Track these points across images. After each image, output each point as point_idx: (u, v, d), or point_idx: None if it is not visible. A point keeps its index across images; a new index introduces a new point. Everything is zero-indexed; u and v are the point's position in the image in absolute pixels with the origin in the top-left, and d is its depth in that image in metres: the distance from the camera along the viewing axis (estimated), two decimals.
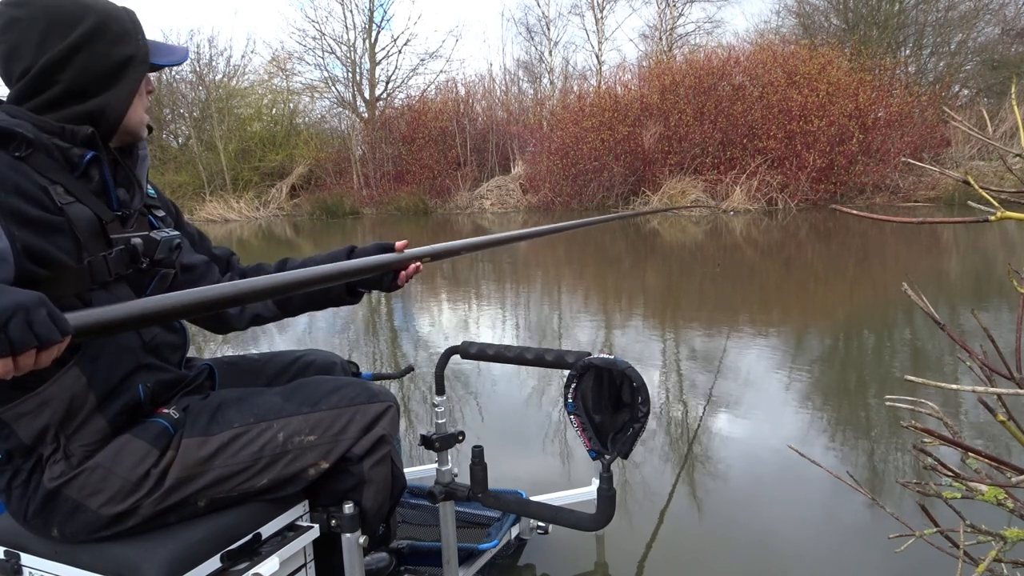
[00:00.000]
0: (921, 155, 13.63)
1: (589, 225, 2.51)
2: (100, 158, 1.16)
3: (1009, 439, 2.48)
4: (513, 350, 1.53)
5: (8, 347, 0.73)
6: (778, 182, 13.70)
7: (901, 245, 8.72)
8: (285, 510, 1.29)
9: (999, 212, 0.83)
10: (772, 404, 3.19)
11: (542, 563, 1.94)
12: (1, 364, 0.73)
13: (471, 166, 18.61)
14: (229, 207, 19.89)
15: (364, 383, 1.36)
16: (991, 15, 17.92)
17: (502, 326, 5.19)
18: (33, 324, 0.75)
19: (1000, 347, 1.01)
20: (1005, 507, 0.99)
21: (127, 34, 1.18)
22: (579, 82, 21.42)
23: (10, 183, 1.03)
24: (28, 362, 0.75)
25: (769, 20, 23.37)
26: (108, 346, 1.14)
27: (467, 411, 3.27)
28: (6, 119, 1.08)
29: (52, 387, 1.09)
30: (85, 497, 1.11)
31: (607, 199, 15.21)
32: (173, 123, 22.83)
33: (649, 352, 4.20)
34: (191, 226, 1.45)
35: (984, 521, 1.01)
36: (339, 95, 22.27)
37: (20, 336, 0.74)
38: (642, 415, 1.30)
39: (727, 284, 6.67)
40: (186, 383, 1.29)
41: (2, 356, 0.73)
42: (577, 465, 2.58)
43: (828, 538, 2.01)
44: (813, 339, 4.46)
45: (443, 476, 1.57)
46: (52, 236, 1.05)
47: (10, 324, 0.74)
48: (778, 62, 14.74)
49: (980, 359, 1.00)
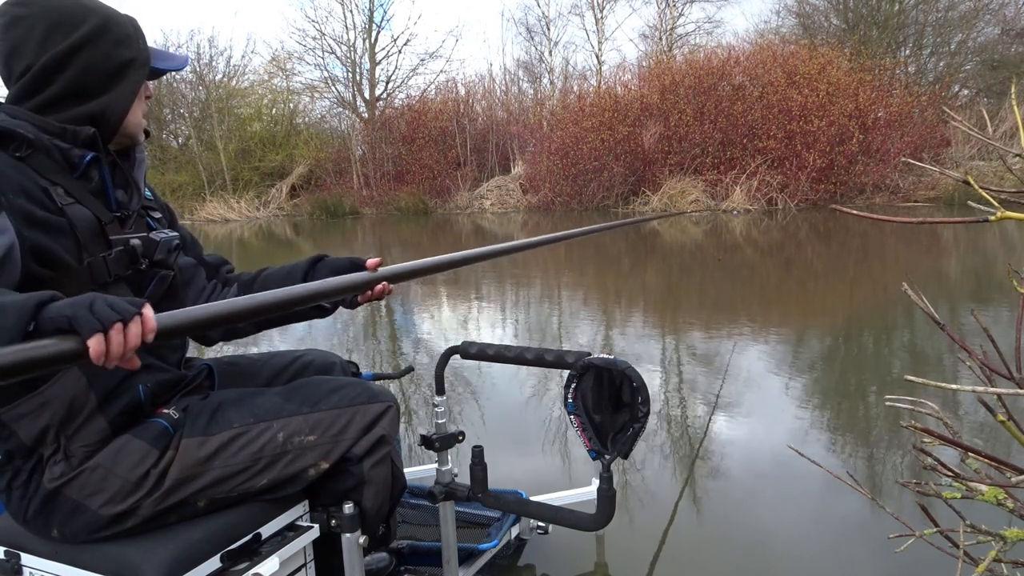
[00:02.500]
0: (921, 155, 13.63)
1: (586, 234, 2.47)
2: (100, 159, 1.17)
3: (1009, 439, 2.48)
4: (513, 350, 1.53)
5: (97, 322, 0.76)
6: (778, 182, 13.70)
7: (901, 245, 8.72)
8: (285, 510, 1.29)
9: (999, 212, 0.83)
10: (772, 404, 3.19)
11: (542, 563, 1.93)
12: (95, 341, 0.75)
13: (471, 166, 18.61)
14: (229, 207, 19.90)
15: (364, 383, 1.37)
16: (991, 15, 17.93)
17: (502, 326, 5.19)
18: (113, 304, 0.79)
19: (1000, 347, 1.01)
20: (1005, 507, 0.99)
21: (128, 37, 1.19)
22: (579, 82, 21.42)
23: (15, 183, 1.03)
24: (119, 339, 0.77)
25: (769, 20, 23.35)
26: None
27: (467, 411, 3.27)
28: (6, 119, 1.09)
29: (52, 387, 1.09)
30: (85, 497, 1.11)
31: (607, 199, 15.20)
32: (173, 123, 22.85)
33: (649, 352, 4.20)
34: (184, 229, 1.45)
35: (984, 521, 1.01)
36: (339, 95, 22.30)
37: (106, 313, 0.77)
38: (642, 415, 1.30)
39: (727, 284, 6.67)
40: (186, 383, 1.29)
41: (95, 331, 0.75)
42: (577, 465, 2.58)
43: (828, 538, 2.00)
44: (813, 339, 4.46)
45: (443, 476, 1.57)
46: (56, 236, 1.06)
47: (94, 305, 0.78)
48: (778, 62, 14.74)
49: (980, 359, 1.00)
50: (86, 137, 1.14)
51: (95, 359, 0.75)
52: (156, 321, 0.82)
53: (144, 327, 0.80)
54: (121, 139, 1.23)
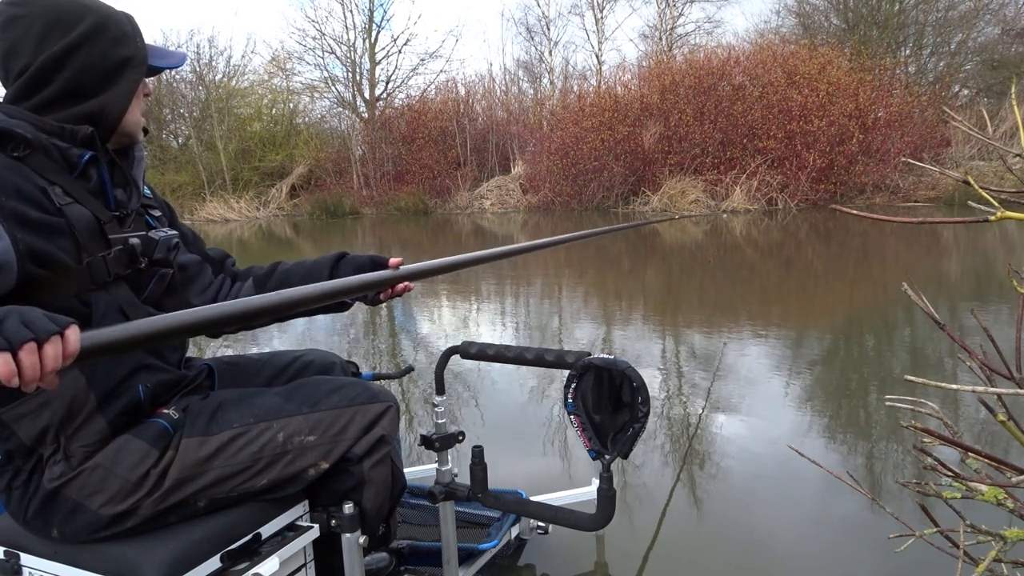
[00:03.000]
0: (921, 155, 13.63)
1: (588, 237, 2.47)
2: (98, 158, 1.16)
3: (1009, 439, 2.48)
4: (513, 350, 1.53)
5: (5, 343, 0.72)
6: (778, 182, 13.70)
7: (901, 245, 8.72)
8: (285, 510, 1.29)
9: (999, 212, 0.83)
10: (772, 404, 3.19)
11: (542, 563, 1.93)
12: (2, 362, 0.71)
13: (471, 166, 18.61)
14: (229, 207, 19.90)
15: (364, 383, 1.37)
16: (991, 15, 17.93)
17: (502, 326, 5.19)
18: (29, 322, 0.74)
19: (1000, 347, 1.01)
20: (1005, 507, 0.99)
21: (126, 36, 1.19)
22: (579, 82, 21.42)
23: (10, 185, 1.03)
24: (32, 360, 0.73)
25: (769, 20, 23.38)
26: None
27: (467, 411, 3.27)
28: (4, 119, 1.08)
29: None
30: (85, 497, 1.11)
31: (607, 199, 15.20)
32: (173, 123, 22.85)
33: (649, 352, 4.20)
34: (185, 226, 1.45)
35: (984, 521, 1.01)
36: (339, 95, 22.30)
37: (16, 331, 0.73)
38: (642, 415, 1.30)
39: (727, 284, 6.67)
40: (186, 383, 1.29)
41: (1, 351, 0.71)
42: (577, 465, 2.58)
43: (828, 538, 2.00)
44: (813, 339, 4.46)
45: (443, 476, 1.57)
46: (53, 237, 1.05)
47: (5, 322, 0.74)
48: (778, 62, 14.74)
49: (980, 359, 1.00)
50: (84, 136, 1.14)
51: (3, 379, 0.71)
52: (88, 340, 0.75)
53: (65, 348, 0.74)
54: (120, 138, 1.23)
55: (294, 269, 1.47)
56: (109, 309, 1.13)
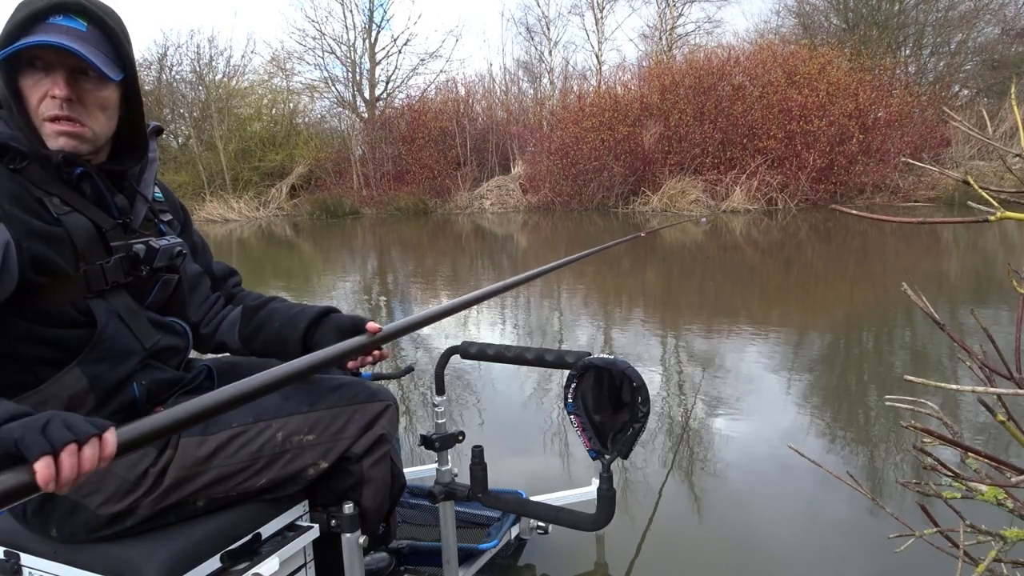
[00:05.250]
0: (921, 155, 13.62)
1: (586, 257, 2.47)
2: (90, 172, 1.15)
3: (1009, 439, 2.48)
4: (513, 350, 1.53)
5: (48, 445, 0.73)
6: (778, 182, 13.70)
7: (901, 245, 8.72)
8: (285, 510, 1.28)
9: (999, 212, 0.83)
10: (772, 404, 3.19)
11: (542, 563, 1.93)
12: (43, 465, 0.71)
13: (471, 166, 18.59)
14: (229, 207, 19.89)
15: (363, 382, 1.36)
16: (991, 15, 17.91)
17: (502, 326, 5.19)
18: (71, 426, 0.76)
19: (1000, 347, 1.01)
20: (1005, 507, 0.99)
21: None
22: (579, 82, 21.40)
23: (10, 194, 1.04)
24: (71, 461, 0.74)
25: (769, 20, 23.34)
26: (111, 350, 1.14)
27: (467, 411, 3.27)
28: (3, 130, 1.09)
29: (52, 386, 1.09)
30: (83, 496, 1.11)
31: (607, 199, 15.20)
32: (173, 123, 22.82)
33: (649, 352, 4.20)
34: (197, 235, 1.43)
35: (984, 521, 1.01)
36: (339, 95, 22.28)
37: (59, 434, 0.74)
38: (642, 415, 1.30)
39: (727, 284, 6.67)
40: (185, 384, 1.29)
41: (43, 454, 0.72)
42: (577, 465, 2.58)
43: (828, 538, 2.00)
44: (813, 339, 4.46)
45: (443, 476, 1.57)
46: (53, 246, 1.06)
47: (48, 426, 0.75)
48: (778, 62, 14.74)
49: (980, 359, 1.00)
50: (58, 162, 1.11)
51: (42, 485, 0.71)
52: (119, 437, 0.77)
53: (102, 451, 0.76)
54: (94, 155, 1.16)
55: (279, 311, 1.38)
56: (108, 316, 1.13)
